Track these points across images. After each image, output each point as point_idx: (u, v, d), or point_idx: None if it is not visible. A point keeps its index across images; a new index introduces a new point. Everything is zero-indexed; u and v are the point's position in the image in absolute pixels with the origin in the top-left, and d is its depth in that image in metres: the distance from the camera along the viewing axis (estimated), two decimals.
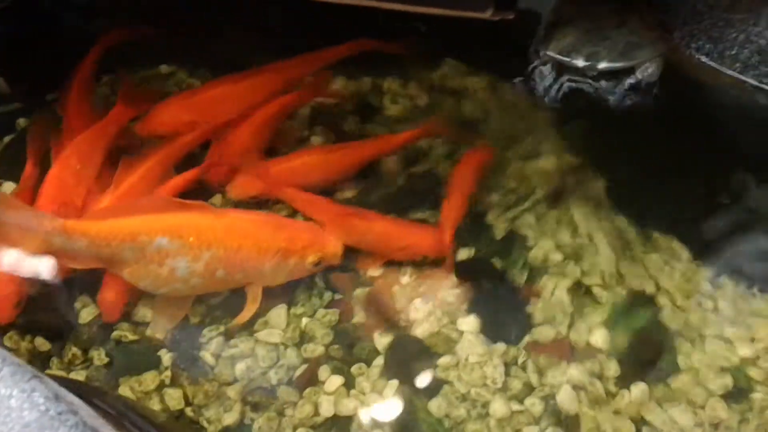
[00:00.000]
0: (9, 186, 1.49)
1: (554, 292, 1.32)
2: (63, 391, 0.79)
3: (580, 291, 1.32)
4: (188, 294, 1.30)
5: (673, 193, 1.37)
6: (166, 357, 1.29)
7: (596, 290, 1.32)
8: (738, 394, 1.21)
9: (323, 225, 1.35)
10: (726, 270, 1.30)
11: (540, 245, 1.38)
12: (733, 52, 1.33)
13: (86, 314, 1.33)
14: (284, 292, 1.34)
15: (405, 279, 1.36)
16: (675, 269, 1.33)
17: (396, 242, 1.34)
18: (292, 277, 1.32)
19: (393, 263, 1.36)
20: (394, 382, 1.25)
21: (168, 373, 1.27)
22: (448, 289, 1.34)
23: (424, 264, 1.35)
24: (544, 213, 1.39)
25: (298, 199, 1.39)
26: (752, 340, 1.25)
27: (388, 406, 1.23)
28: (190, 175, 1.43)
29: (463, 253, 1.38)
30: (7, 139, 1.57)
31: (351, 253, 1.35)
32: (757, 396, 1.20)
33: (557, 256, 1.36)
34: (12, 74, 1.58)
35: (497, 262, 1.36)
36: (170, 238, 1.23)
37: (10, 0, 1.38)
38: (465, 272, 1.35)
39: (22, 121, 1.58)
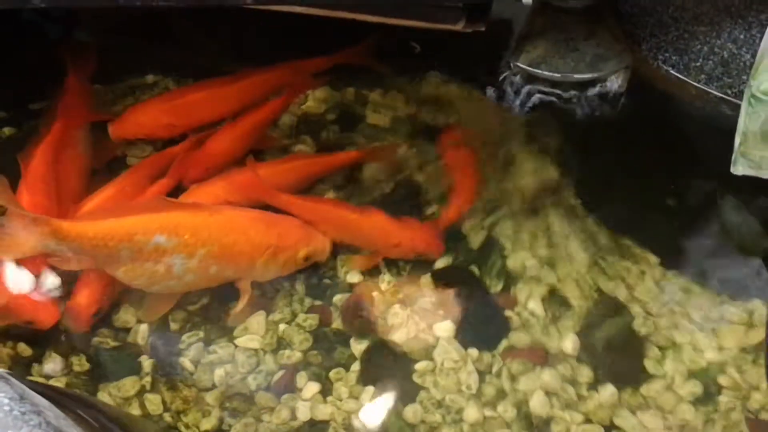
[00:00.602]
0: None
1: (529, 299, 1.34)
2: (29, 392, 0.81)
3: (555, 298, 1.34)
4: (180, 291, 1.32)
5: (642, 200, 1.40)
6: (146, 363, 1.31)
7: (570, 297, 1.34)
8: (706, 398, 1.23)
9: (314, 222, 1.37)
10: (695, 277, 1.32)
11: (516, 253, 1.40)
12: (698, 64, 1.36)
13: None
14: (263, 301, 1.36)
15: (384, 285, 1.38)
16: (646, 276, 1.35)
17: (389, 239, 1.36)
18: (283, 273, 1.34)
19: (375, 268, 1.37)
20: (371, 388, 1.26)
21: (148, 378, 1.29)
22: (426, 296, 1.36)
23: (416, 261, 1.36)
24: (519, 221, 1.41)
25: (287, 201, 1.41)
26: (719, 347, 1.27)
27: (365, 412, 1.25)
28: (164, 183, 1.45)
29: (441, 261, 1.40)
30: None
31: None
32: (722, 399, 1.22)
33: (533, 264, 1.38)
34: None
35: (474, 270, 1.38)
36: (167, 236, 1.25)
37: None
38: (443, 279, 1.37)
39: (6, 130, 1.59)
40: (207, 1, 1.25)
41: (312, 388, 1.28)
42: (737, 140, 1.06)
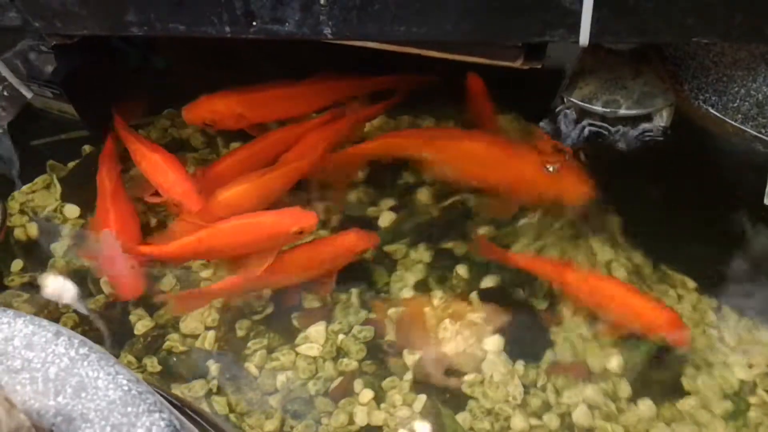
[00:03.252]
0: (73, 209, 1.61)
1: (573, 318, 1.42)
2: (139, 377, 0.92)
3: (597, 319, 1.41)
4: None
5: (680, 229, 1.47)
6: (213, 367, 1.40)
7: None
8: (736, 413, 1.30)
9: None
10: (729, 302, 1.40)
11: None
12: (735, 105, 1.45)
13: (141, 326, 1.45)
14: (323, 311, 1.45)
15: (435, 301, 1.46)
16: (684, 300, 1.42)
17: None
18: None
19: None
20: (423, 397, 1.35)
21: (215, 382, 1.38)
22: (475, 312, 1.44)
23: None
24: (565, 246, 1.49)
25: None
26: (750, 366, 1.34)
27: (417, 419, 1.33)
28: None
29: (489, 281, 1.48)
30: (72, 164, 1.69)
31: None
32: (752, 415, 1.29)
33: None
34: (80, 103, 1.71)
35: (521, 291, 1.46)
36: None
37: (80, 36, 1.51)
38: (491, 298, 1.45)
39: (87, 148, 1.71)
40: (291, 36, 1.35)
41: (367, 395, 1.36)
42: None
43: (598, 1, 1.15)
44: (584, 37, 1.20)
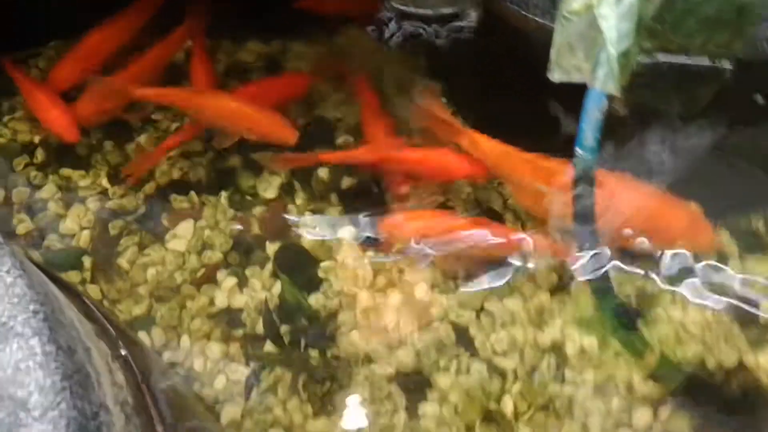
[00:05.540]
0: None
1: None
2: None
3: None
4: None
5: (499, 113, 1.61)
6: (87, 261, 1.52)
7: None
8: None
9: None
10: None
11: None
12: (535, 1, 1.59)
13: (22, 228, 1.56)
14: (192, 212, 1.57)
15: (298, 201, 1.58)
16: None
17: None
18: None
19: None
20: (283, 281, 1.47)
21: (88, 273, 1.50)
22: (333, 207, 1.56)
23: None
24: None
25: None
26: None
27: (276, 301, 1.45)
28: None
29: (347, 182, 1.60)
30: None
31: None
32: None
33: None
34: None
35: (375, 187, 1.59)
36: None
37: None
38: (349, 196, 1.58)
39: None
40: None
41: (230, 282, 1.48)
42: (552, 53, 1.28)
43: None
44: None
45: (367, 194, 1.59)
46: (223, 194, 1.60)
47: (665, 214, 1.38)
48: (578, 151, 1.22)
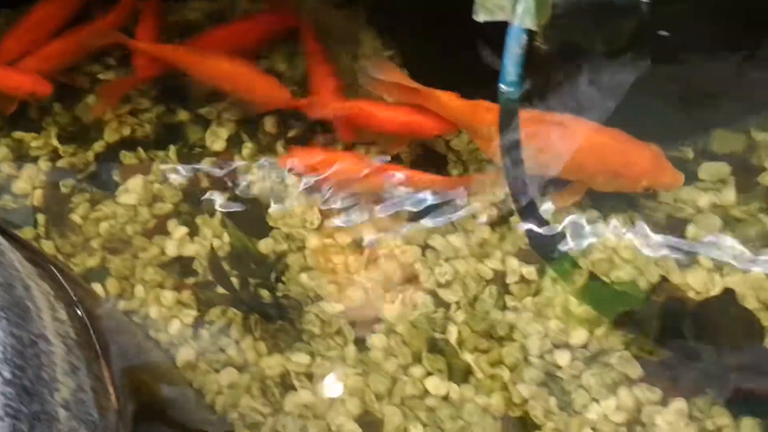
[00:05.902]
0: None
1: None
2: None
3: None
4: None
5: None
6: (41, 218, 1.55)
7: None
8: None
9: None
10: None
11: None
12: None
13: None
14: (142, 167, 1.60)
15: (246, 152, 1.62)
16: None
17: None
18: None
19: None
20: (231, 229, 1.51)
21: (42, 229, 1.53)
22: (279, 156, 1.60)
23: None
24: None
25: None
26: None
27: (227, 248, 1.49)
28: None
29: (293, 132, 1.64)
30: None
31: None
32: None
33: None
34: None
35: (321, 137, 1.62)
36: None
37: None
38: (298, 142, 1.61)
39: None
40: None
41: (180, 231, 1.52)
42: None
43: None
44: None
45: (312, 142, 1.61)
46: (172, 148, 1.62)
47: (627, 154, 1.39)
48: (502, 87, 1.26)
